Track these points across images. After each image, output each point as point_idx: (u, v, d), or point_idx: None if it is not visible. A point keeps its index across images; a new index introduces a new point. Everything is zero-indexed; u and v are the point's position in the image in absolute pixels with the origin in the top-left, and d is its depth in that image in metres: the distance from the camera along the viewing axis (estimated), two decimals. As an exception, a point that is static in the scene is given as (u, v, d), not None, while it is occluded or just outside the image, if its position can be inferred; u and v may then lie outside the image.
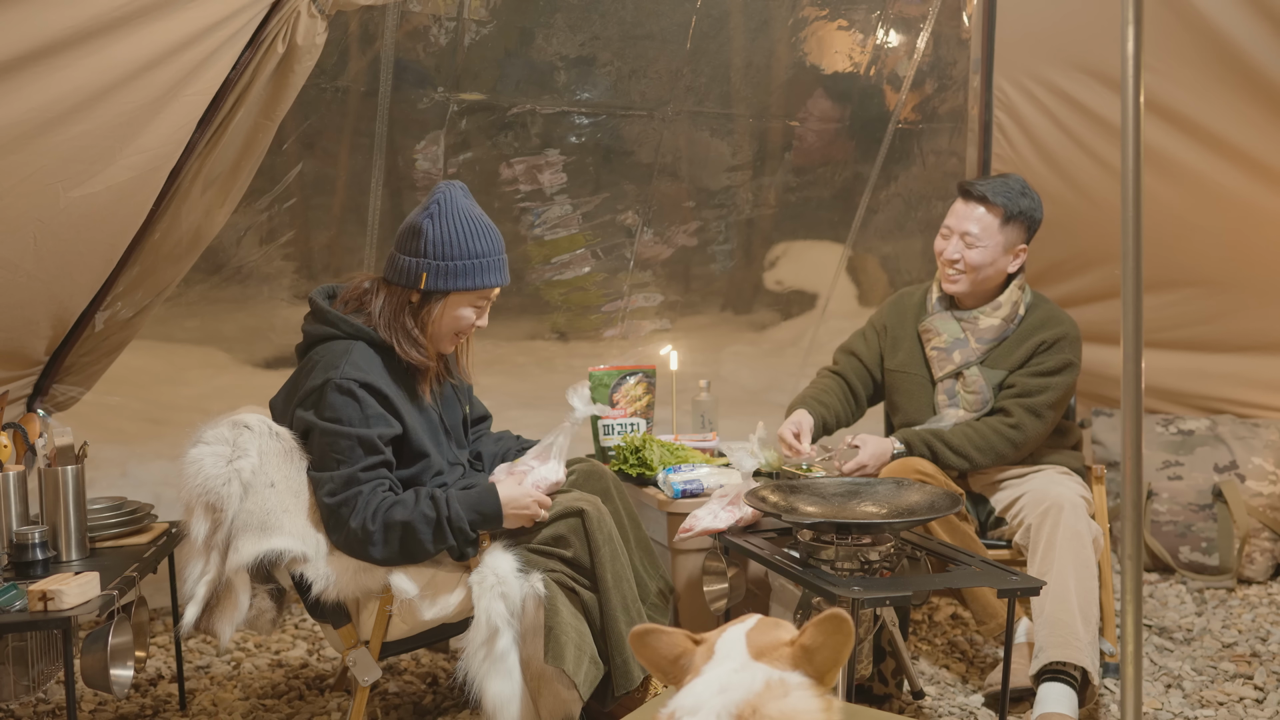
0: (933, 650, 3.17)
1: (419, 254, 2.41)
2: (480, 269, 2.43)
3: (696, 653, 1.41)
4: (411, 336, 2.44)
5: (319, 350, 2.42)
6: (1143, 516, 3.10)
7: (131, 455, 3.61)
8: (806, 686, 1.34)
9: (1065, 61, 3.56)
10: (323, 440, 2.35)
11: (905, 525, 2.41)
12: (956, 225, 2.99)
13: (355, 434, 2.32)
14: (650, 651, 1.41)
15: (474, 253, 2.42)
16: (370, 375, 2.36)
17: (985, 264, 2.97)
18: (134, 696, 2.86)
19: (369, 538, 2.30)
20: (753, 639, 1.40)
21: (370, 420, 2.34)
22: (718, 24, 3.85)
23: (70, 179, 2.35)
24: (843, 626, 1.34)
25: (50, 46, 2.11)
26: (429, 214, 2.42)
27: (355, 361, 2.36)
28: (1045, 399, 2.93)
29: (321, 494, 2.34)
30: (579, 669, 2.30)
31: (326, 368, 2.36)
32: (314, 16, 2.48)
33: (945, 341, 3.05)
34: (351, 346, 2.39)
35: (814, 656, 1.36)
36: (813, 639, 1.36)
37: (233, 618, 2.34)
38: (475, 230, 2.43)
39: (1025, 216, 2.97)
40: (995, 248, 2.96)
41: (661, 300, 4.29)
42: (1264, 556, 3.70)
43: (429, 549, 2.33)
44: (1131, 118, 1.49)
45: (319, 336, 2.44)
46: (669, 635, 1.41)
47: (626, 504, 2.66)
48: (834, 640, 1.35)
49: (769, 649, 1.38)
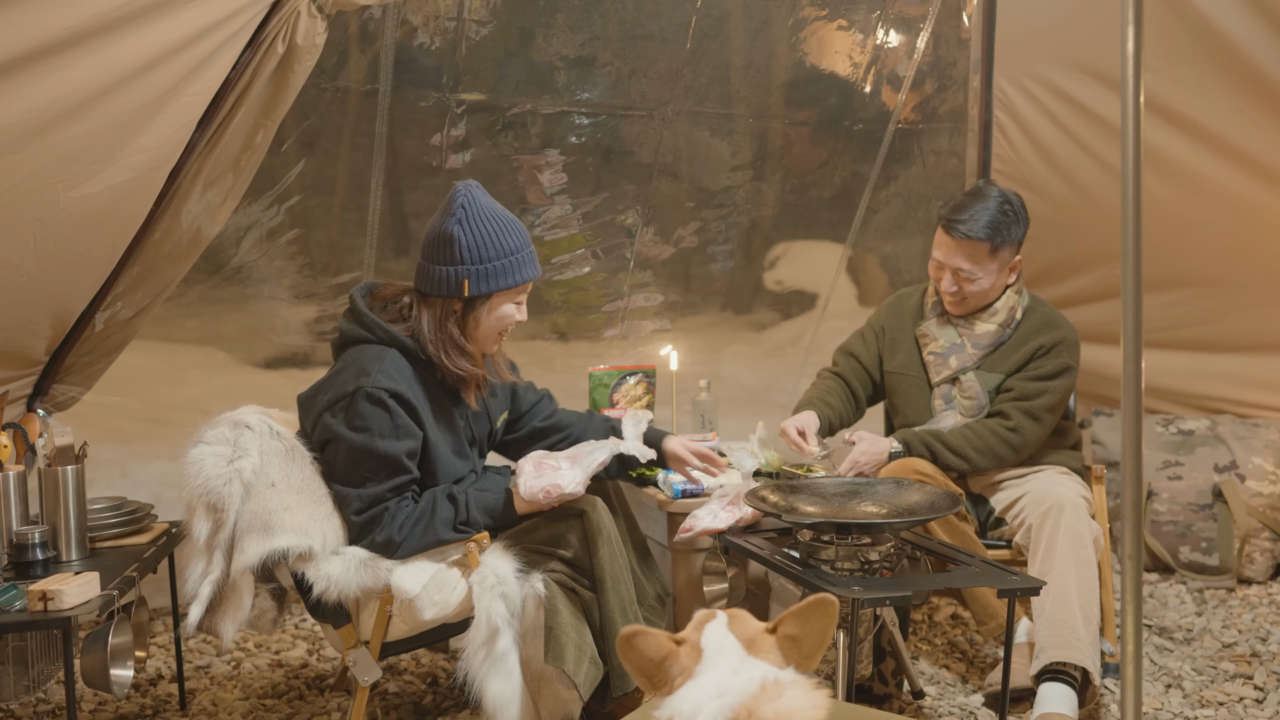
0: (933, 650, 3.17)
1: (456, 261, 2.39)
2: (517, 265, 2.43)
3: (682, 654, 1.40)
4: (460, 346, 2.44)
5: (352, 352, 2.42)
6: (1143, 516, 3.10)
7: (131, 455, 3.61)
8: (800, 684, 1.35)
9: (1065, 61, 3.56)
10: (350, 454, 2.36)
11: (905, 525, 2.41)
12: (947, 260, 2.95)
13: (383, 453, 2.34)
14: (637, 655, 1.40)
15: (509, 249, 2.41)
16: (400, 385, 2.36)
17: (984, 289, 2.96)
18: (134, 696, 2.86)
19: (394, 549, 2.36)
20: (738, 633, 1.42)
21: (399, 432, 2.35)
22: (718, 24, 3.85)
23: (70, 179, 2.35)
24: (828, 609, 1.40)
25: (50, 46, 2.11)
26: (457, 220, 2.39)
27: (387, 370, 2.36)
28: (1043, 403, 2.93)
29: (348, 512, 2.38)
30: (579, 669, 2.30)
31: (358, 373, 2.36)
32: (314, 16, 2.48)
33: (942, 347, 3.04)
34: (385, 353, 2.39)
35: (801, 643, 1.40)
36: (797, 627, 1.40)
37: (236, 618, 2.34)
38: (504, 228, 2.42)
39: (1011, 236, 2.93)
40: (990, 273, 2.94)
41: (661, 300, 4.29)
42: (1264, 556, 3.70)
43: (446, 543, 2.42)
44: (1131, 118, 1.48)
45: (354, 338, 2.45)
46: (654, 637, 1.41)
47: (625, 506, 2.66)
48: (819, 624, 1.40)
49: (757, 640, 1.41)
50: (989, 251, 2.91)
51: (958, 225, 2.90)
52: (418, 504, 2.40)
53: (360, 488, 2.36)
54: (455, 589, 2.37)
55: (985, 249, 2.90)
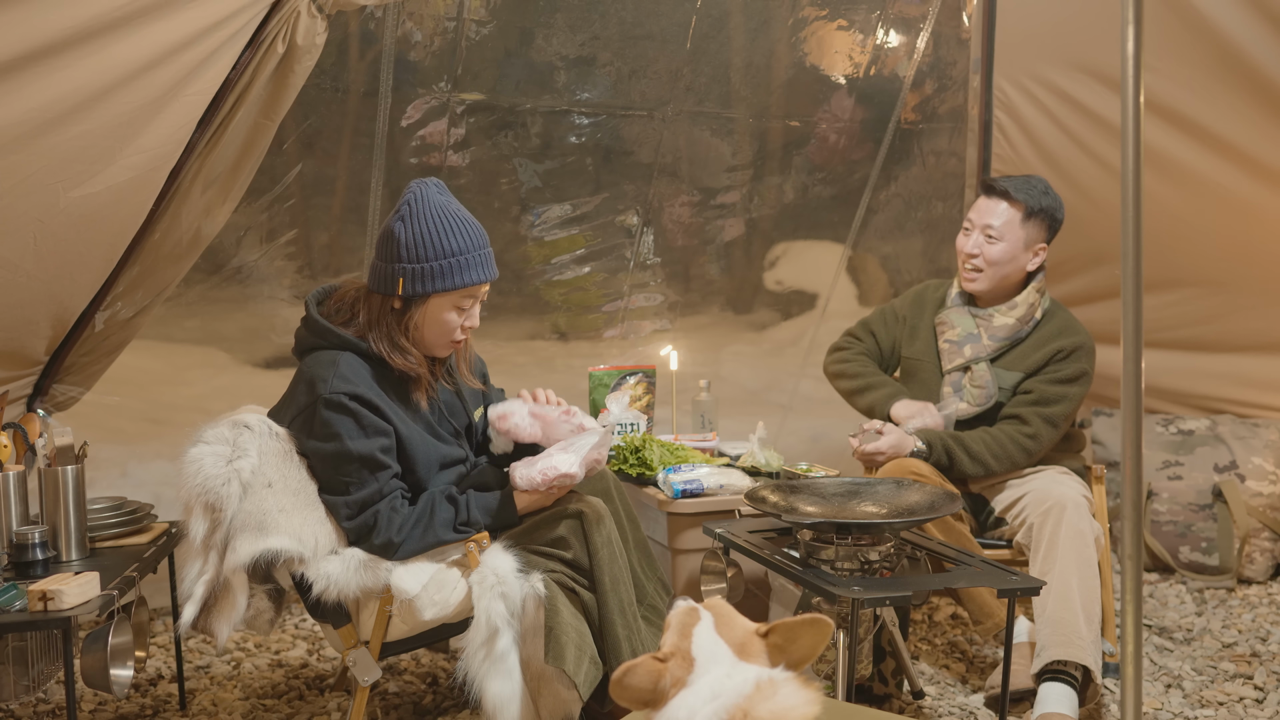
0: (933, 650, 3.17)
1: (394, 259, 2.35)
2: (458, 267, 2.35)
3: (672, 667, 1.40)
4: (398, 345, 2.40)
5: (307, 361, 2.43)
6: (1143, 516, 3.10)
7: (131, 455, 3.60)
8: (793, 681, 1.35)
9: (1065, 61, 3.56)
10: (326, 463, 2.36)
11: (905, 525, 2.41)
12: (978, 219, 3.02)
13: (357, 454, 2.33)
14: (632, 691, 1.39)
15: (449, 251, 2.34)
16: (359, 386, 2.34)
17: (1004, 260, 2.98)
18: (134, 696, 2.86)
19: (393, 550, 2.36)
20: (727, 636, 1.42)
21: (367, 430, 2.34)
22: (718, 24, 3.85)
23: (70, 179, 2.35)
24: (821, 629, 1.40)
25: (50, 46, 2.10)
26: (400, 216, 2.36)
27: (342, 374, 2.34)
28: (1061, 410, 2.95)
29: (340, 519, 2.38)
30: (579, 669, 2.30)
31: (312, 383, 2.36)
32: (314, 16, 2.48)
33: (958, 335, 3.06)
34: (338, 357, 2.37)
35: (788, 652, 1.41)
36: (785, 639, 1.41)
37: (230, 617, 2.34)
38: (449, 227, 2.35)
39: (1047, 214, 3.00)
40: (1015, 243, 2.98)
41: (661, 300, 4.29)
42: (1264, 556, 3.70)
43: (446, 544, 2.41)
44: (1131, 118, 1.48)
45: (308, 346, 2.45)
46: (641, 667, 1.40)
47: (626, 505, 2.66)
48: (808, 640, 1.40)
49: (747, 643, 1.41)
50: (1021, 217, 2.98)
51: (999, 182, 3.02)
52: (414, 506, 2.41)
53: (346, 494, 2.36)
54: (455, 589, 2.37)
55: (1019, 213, 2.98)
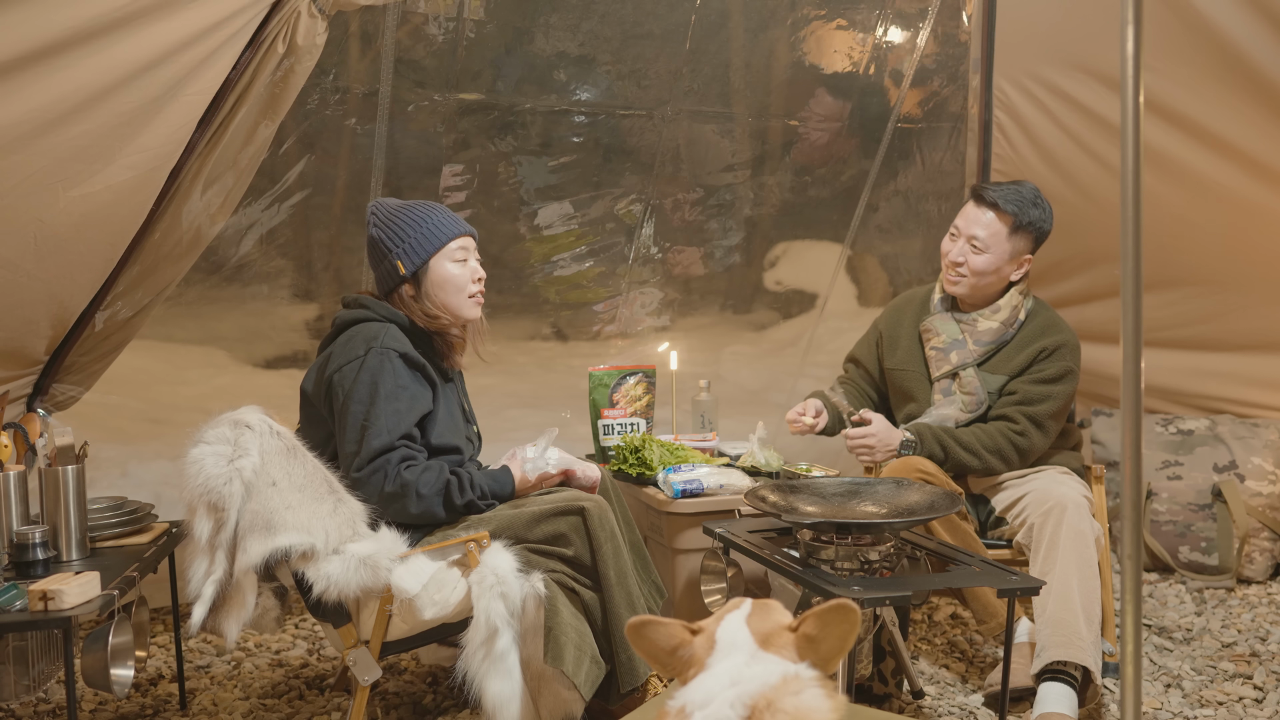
0: (933, 650, 3.17)
1: (385, 253, 2.60)
2: (434, 228, 2.59)
3: (696, 644, 1.40)
4: (430, 314, 2.60)
5: (355, 328, 2.55)
6: (1142, 516, 3.10)
7: (131, 455, 3.61)
8: (818, 682, 1.34)
9: (1065, 61, 3.56)
10: (358, 408, 2.43)
11: (905, 525, 2.41)
12: (965, 228, 3.01)
13: (391, 407, 2.43)
14: (648, 644, 1.41)
15: (420, 220, 2.60)
16: (407, 349, 2.51)
17: (988, 270, 2.98)
18: (134, 696, 2.86)
19: (409, 491, 2.41)
20: (755, 627, 1.40)
21: (404, 389, 2.46)
22: (717, 24, 3.85)
23: (70, 179, 2.35)
24: (849, 616, 1.36)
25: (50, 46, 2.11)
26: (372, 225, 2.62)
27: (394, 335, 2.52)
28: (1047, 409, 2.94)
29: (352, 466, 2.43)
30: (579, 669, 2.30)
31: (367, 339, 2.50)
32: (314, 16, 2.48)
33: (944, 342, 3.06)
34: (388, 326, 2.55)
35: (819, 646, 1.37)
36: (817, 628, 1.37)
37: (240, 617, 2.35)
38: (412, 210, 2.62)
39: (1034, 227, 2.98)
40: (1000, 255, 2.97)
41: (661, 299, 4.29)
42: (1263, 556, 3.70)
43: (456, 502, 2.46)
44: (1131, 118, 1.48)
45: (354, 319, 2.58)
46: (666, 626, 1.41)
47: (622, 507, 2.67)
48: (839, 630, 1.37)
49: (773, 636, 1.39)
50: (1008, 231, 2.96)
51: (989, 191, 3.00)
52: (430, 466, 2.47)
53: (363, 441, 2.42)
54: (455, 589, 2.37)
55: (1007, 224, 2.96)
